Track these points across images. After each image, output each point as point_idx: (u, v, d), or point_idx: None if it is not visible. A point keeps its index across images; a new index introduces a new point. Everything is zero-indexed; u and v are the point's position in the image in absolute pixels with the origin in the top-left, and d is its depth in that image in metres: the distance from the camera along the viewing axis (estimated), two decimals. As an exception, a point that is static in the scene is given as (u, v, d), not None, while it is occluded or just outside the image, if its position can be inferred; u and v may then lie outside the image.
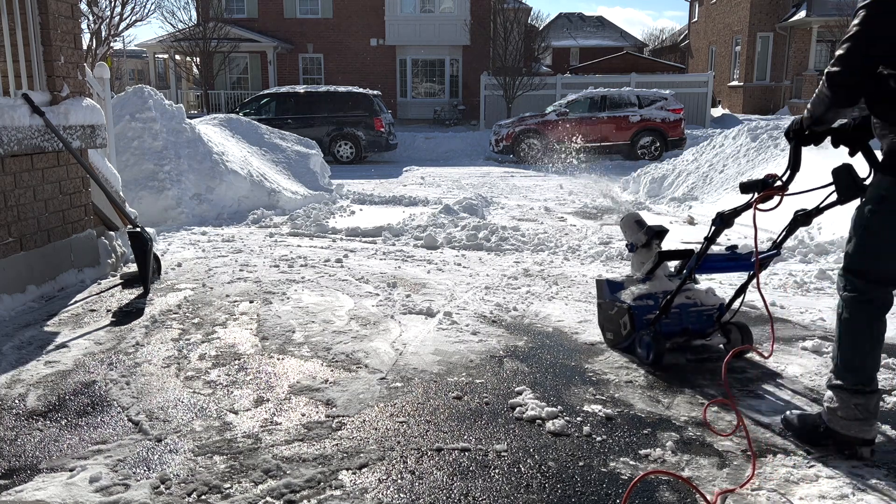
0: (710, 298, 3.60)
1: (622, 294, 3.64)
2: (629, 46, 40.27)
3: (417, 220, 7.72)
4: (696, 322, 3.54)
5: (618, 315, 3.62)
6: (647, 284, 3.61)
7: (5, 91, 4.56)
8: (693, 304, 3.55)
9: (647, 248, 3.73)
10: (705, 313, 3.57)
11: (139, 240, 4.88)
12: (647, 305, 3.52)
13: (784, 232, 3.21)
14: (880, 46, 2.32)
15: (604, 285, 3.76)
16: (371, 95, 17.44)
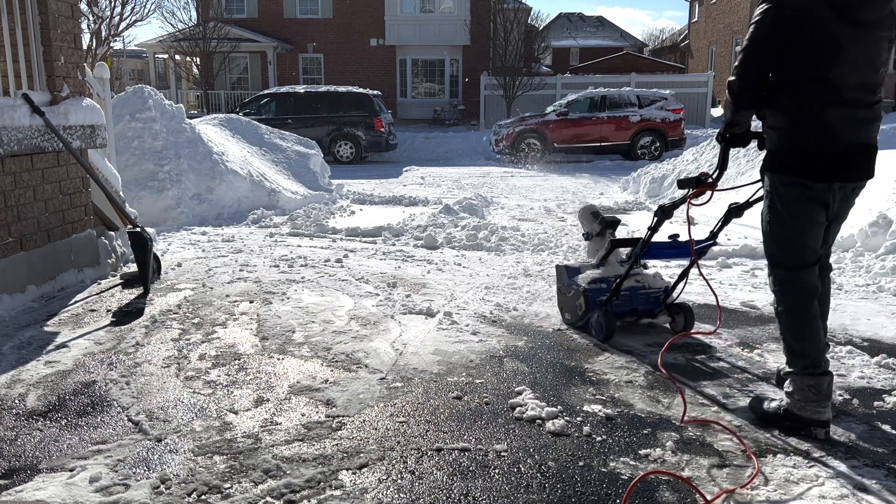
0: (657, 282, 3.99)
1: (578, 278, 3.99)
2: (629, 46, 40.27)
3: (417, 220, 7.73)
4: (645, 303, 3.94)
5: (574, 297, 3.99)
6: (601, 269, 3.99)
7: (5, 91, 4.56)
8: (642, 287, 3.94)
9: (601, 236, 4.13)
10: (653, 295, 3.96)
11: (139, 240, 4.88)
12: (601, 288, 3.88)
13: (719, 223, 3.53)
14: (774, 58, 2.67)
15: (562, 270, 4.13)
16: (371, 95, 17.44)
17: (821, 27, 2.57)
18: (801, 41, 2.60)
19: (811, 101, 2.64)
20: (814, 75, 2.62)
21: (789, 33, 2.60)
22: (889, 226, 5.78)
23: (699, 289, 5.02)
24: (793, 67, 2.64)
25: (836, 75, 2.60)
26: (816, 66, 2.61)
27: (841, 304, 4.60)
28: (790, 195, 2.74)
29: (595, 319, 3.85)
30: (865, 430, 2.80)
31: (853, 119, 2.66)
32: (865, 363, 3.52)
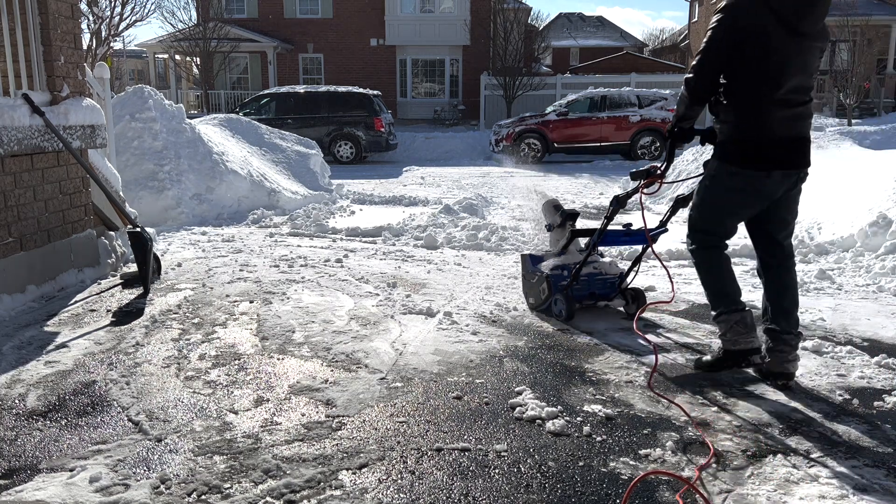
0: (613, 269, 4.36)
1: (541, 265, 4.34)
2: (629, 46, 40.27)
3: (417, 220, 7.73)
4: (602, 288, 4.32)
5: (538, 283, 4.34)
6: (562, 257, 4.32)
7: (5, 91, 4.56)
8: (599, 273, 4.31)
9: (562, 227, 4.42)
10: (609, 281, 4.32)
11: (139, 240, 4.88)
12: (562, 274, 4.24)
13: (668, 212, 3.95)
14: (723, 63, 3.08)
15: (527, 259, 4.50)
16: (371, 95, 17.45)
17: (767, 36, 2.95)
18: (750, 48, 2.98)
19: (756, 99, 3.04)
20: (759, 78, 3.01)
21: (740, 41, 2.98)
22: (889, 226, 5.78)
23: (699, 288, 5.00)
24: (742, 70, 3.03)
25: (778, 78, 3.00)
26: (762, 69, 3.00)
27: (841, 304, 4.60)
28: (732, 183, 3.14)
29: (557, 302, 4.22)
30: (865, 430, 2.80)
31: (789, 116, 3.05)
32: (865, 363, 3.51)
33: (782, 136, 3.05)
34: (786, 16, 2.94)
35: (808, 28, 2.99)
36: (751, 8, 2.97)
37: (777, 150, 3.05)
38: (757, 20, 2.96)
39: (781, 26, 2.95)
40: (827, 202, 7.00)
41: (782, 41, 2.96)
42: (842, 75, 21.30)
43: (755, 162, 3.06)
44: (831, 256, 5.87)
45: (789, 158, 3.08)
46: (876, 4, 25.22)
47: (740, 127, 3.09)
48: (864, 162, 7.79)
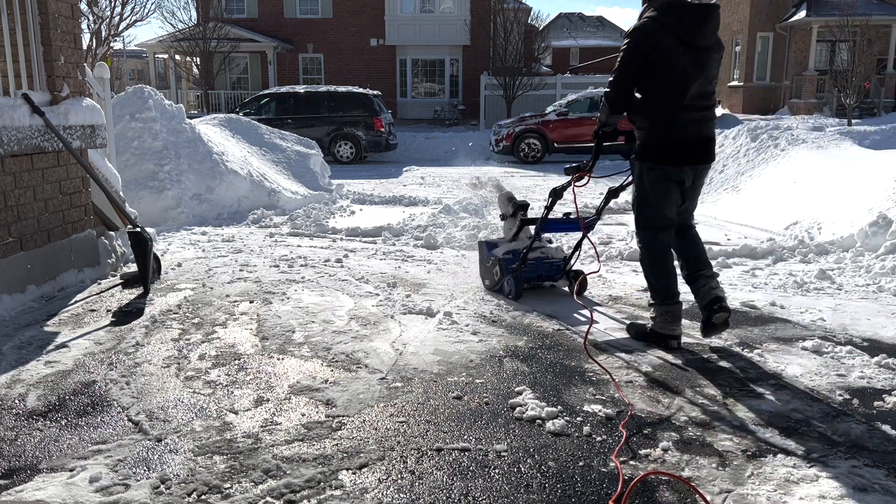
0: (558, 253, 4.89)
1: (495, 251, 4.83)
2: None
3: (417, 220, 7.73)
4: (548, 270, 4.80)
5: (492, 266, 4.82)
6: (513, 243, 4.82)
7: (5, 91, 4.56)
8: (546, 257, 4.81)
9: (513, 217, 4.96)
10: (555, 264, 4.81)
11: (139, 240, 4.88)
12: (512, 258, 4.70)
13: (602, 203, 4.46)
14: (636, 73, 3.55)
15: (483, 245, 5.00)
16: (371, 95, 17.44)
17: (669, 53, 3.43)
18: (656, 63, 3.46)
19: (665, 107, 3.53)
20: (666, 88, 3.49)
21: (648, 59, 3.47)
22: (889, 226, 5.78)
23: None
24: (651, 83, 3.52)
25: (682, 87, 3.47)
26: (668, 81, 3.47)
27: (841, 304, 4.60)
28: (653, 177, 3.63)
29: (507, 282, 4.67)
30: (865, 430, 2.80)
31: (695, 119, 3.55)
32: (865, 363, 3.51)
33: (690, 136, 3.55)
34: (683, 34, 3.44)
35: (703, 43, 3.49)
36: (654, 30, 3.46)
37: (686, 149, 3.57)
38: (660, 40, 3.45)
39: (681, 43, 3.44)
40: (827, 202, 7.00)
41: (683, 55, 3.44)
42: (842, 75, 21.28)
43: (669, 160, 3.58)
44: (831, 256, 5.87)
45: (697, 155, 3.61)
46: (876, 4, 25.20)
47: (654, 132, 3.60)
48: (864, 162, 7.78)
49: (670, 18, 3.45)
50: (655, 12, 3.50)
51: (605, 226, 7.98)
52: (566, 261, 4.82)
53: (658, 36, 3.45)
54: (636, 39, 3.51)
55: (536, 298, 4.73)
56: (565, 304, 4.62)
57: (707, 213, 8.57)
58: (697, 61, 3.47)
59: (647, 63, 3.48)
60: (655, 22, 3.47)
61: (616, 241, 6.83)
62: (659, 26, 3.46)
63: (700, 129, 3.57)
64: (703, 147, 3.60)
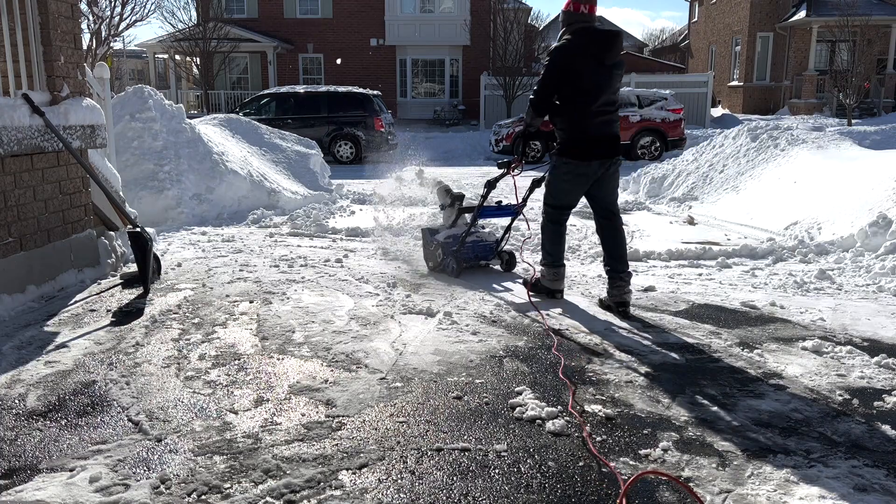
0: (491, 237, 5.56)
1: (437, 236, 5.45)
2: (629, 46, 40.27)
3: (417, 220, 7.71)
4: (483, 252, 5.47)
5: (434, 249, 5.44)
6: (452, 230, 5.47)
7: (5, 91, 4.56)
8: (481, 240, 5.48)
9: (451, 206, 5.63)
10: (489, 246, 5.48)
11: (139, 240, 4.87)
12: (452, 242, 5.31)
13: (527, 192, 5.21)
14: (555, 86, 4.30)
15: (426, 232, 5.61)
16: (371, 95, 17.43)
17: (583, 69, 4.20)
18: (573, 77, 4.21)
19: (579, 112, 4.27)
20: (580, 97, 4.24)
21: (566, 73, 4.22)
22: (889, 226, 5.78)
23: (699, 288, 5.02)
24: (568, 93, 4.27)
25: (592, 97, 4.24)
26: (581, 91, 4.23)
27: (841, 304, 4.60)
28: (566, 169, 4.41)
29: (448, 263, 5.30)
30: (865, 430, 2.80)
31: (602, 122, 4.30)
32: (865, 363, 3.51)
33: (598, 135, 4.29)
34: (594, 54, 4.22)
35: (608, 61, 4.27)
36: (571, 50, 4.23)
37: (595, 146, 4.30)
38: (575, 58, 4.22)
39: (592, 61, 4.22)
40: (827, 202, 7.00)
41: (593, 71, 4.22)
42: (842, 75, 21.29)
43: (581, 156, 4.32)
44: (831, 256, 5.87)
45: (604, 151, 4.32)
46: (876, 4, 25.21)
47: (570, 132, 4.33)
48: (864, 162, 7.78)
49: (583, 41, 4.24)
50: (571, 36, 4.28)
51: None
52: (498, 243, 5.51)
53: (574, 55, 4.23)
54: (556, 57, 4.26)
55: (535, 299, 4.73)
56: (565, 304, 4.62)
57: (707, 213, 8.57)
58: (604, 76, 4.26)
59: (564, 76, 4.24)
60: (572, 44, 4.25)
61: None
62: (574, 47, 4.24)
63: (606, 129, 4.33)
64: (609, 144, 4.35)
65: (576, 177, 4.39)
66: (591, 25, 4.31)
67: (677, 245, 6.58)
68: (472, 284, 5.08)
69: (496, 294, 4.84)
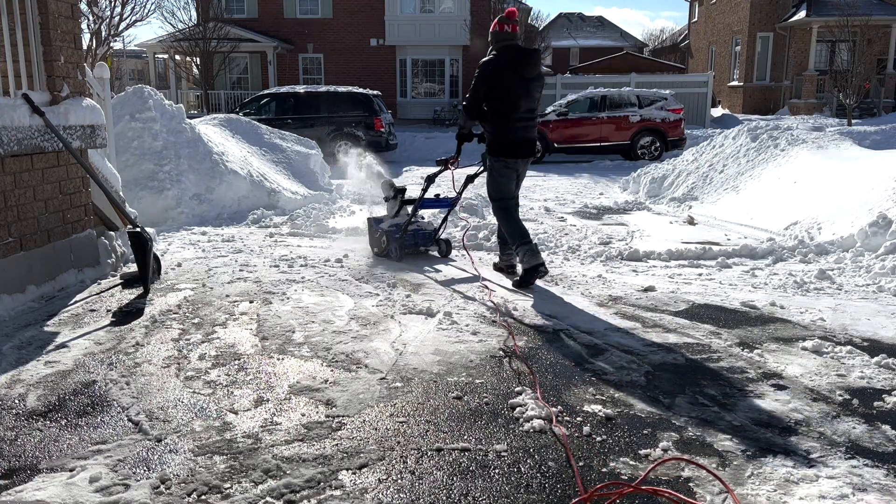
0: (430, 226, 6.16)
1: (381, 225, 6.02)
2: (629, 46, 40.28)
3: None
4: (423, 239, 6.04)
5: (379, 237, 6.01)
6: (396, 219, 6.04)
7: (5, 91, 4.56)
8: (421, 229, 6.05)
9: (395, 199, 6.18)
10: (428, 234, 6.05)
11: (139, 240, 4.87)
12: (395, 230, 5.88)
13: (462, 186, 5.81)
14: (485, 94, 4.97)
15: (372, 221, 6.21)
16: (371, 95, 17.43)
17: (507, 81, 4.89)
18: (498, 89, 4.91)
19: (504, 118, 4.97)
20: (505, 106, 4.94)
21: (493, 85, 4.91)
22: (889, 226, 5.78)
23: (699, 288, 5.02)
24: (494, 101, 4.96)
25: (515, 105, 4.93)
26: (506, 101, 4.92)
27: (841, 304, 4.60)
28: (498, 166, 5.11)
29: (392, 248, 5.86)
30: (865, 430, 2.80)
31: (523, 127, 5.03)
32: (865, 363, 3.51)
33: (521, 138, 5.04)
34: (517, 69, 4.90)
35: (529, 75, 4.95)
36: (497, 65, 4.89)
37: (518, 147, 5.04)
38: (501, 72, 4.89)
39: (515, 75, 4.89)
40: (827, 202, 7.00)
41: (516, 83, 4.90)
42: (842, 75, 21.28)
43: (508, 154, 5.05)
44: (831, 256, 5.87)
45: (525, 151, 5.09)
46: (876, 4, 25.21)
47: (497, 134, 5.05)
48: (864, 162, 7.78)
49: (508, 57, 4.91)
50: (498, 52, 4.94)
51: (605, 226, 7.99)
52: (436, 231, 6.08)
53: (499, 69, 4.89)
54: (485, 70, 4.92)
55: (537, 299, 4.73)
56: (565, 304, 4.62)
57: (707, 213, 8.57)
58: (525, 87, 4.94)
59: (491, 87, 4.91)
60: (498, 59, 4.91)
61: (616, 241, 6.83)
62: (500, 62, 4.90)
63: (527, 133, 5.07)
64: (528, 146, 5.11)
65: (508, 171, 5.14)
66: (514, 43, 5.00)
67: (677, 245, 6.58)
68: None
69: (497, 295, 4.84)
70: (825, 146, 9.09)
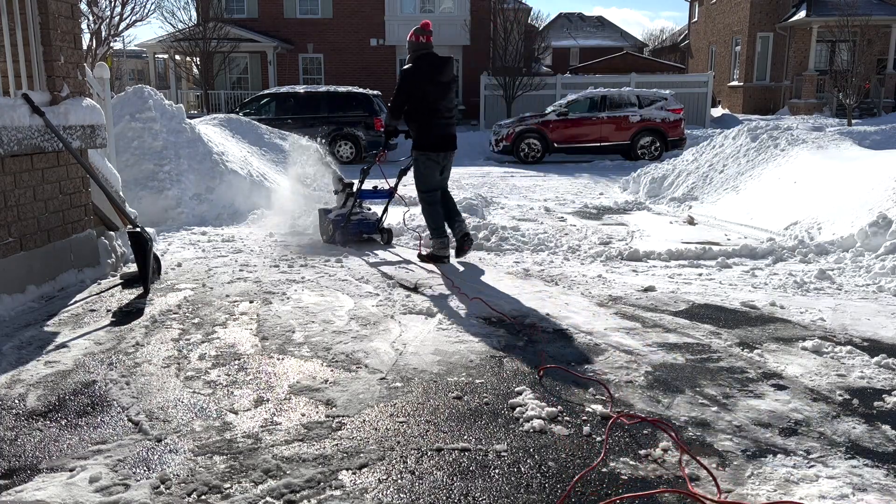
0: (373, 216, 6.78)
1: (329, 215, 6.70)
2: (629, 46, 40.27)
3: (417, 220, 7.71)
4: (366, 228, 6.71)
5: (327, 225, 6.66)
6: (342, 209, 6.70)
7: (5, 91, 4.56)
8: (364, 219, 6.73)
9: (342, 192, 6.83)
10: (371, 223, 6.71)
11: (139, 240, 4.87)
12: (340, 219, 6.59)
13: (397, 179, 6.58)
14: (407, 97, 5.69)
15: (321, 211, 6.92)
16: (371, 95, 17.43)
17: (425, 86, 5.66)
18: (418, 91, 5.65)
19: (425, 116, 5.70)
20: (424, 105, 5.68)
21: (414, 88, 5.66)
22: (889, 226, 5.78)
23: (699, 288, 5.02)
24: (415, 103, 5.69)
25: (434, 107, 5.69)
26: (425, 101, 5.67)
27: (841, 304, 4.60)
28: (423, 159, 5.77)
29: (338, 235, 6.52)
30: (865, 430, 2.80)
31: (443, 124, 5.75)
32: (865, 363, 3.51)
33: (441, 134, 5.75)
34: (432, 76, 5.68)
35: (443, 80, 5.73)
36: (416, 72, 5.66)
37: (440, 141, 5.75)
38: (419, 77, 5.66)
39: (431, 80, 5.67)
40: (827, 202, 7.00)
41: (432, 87, 5.68)
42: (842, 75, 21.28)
43: (432, 149, 5.74)
44: (831, 256, 5.87)
45: (446, 145, 5.81)
46: (876, 4, 25.21)
47: (420, 131, 5.75)
48: (864, 162, 7.78)
49: (424, 64, 5.69)
50: (416, 61, 5.70)
51: (605, 226, 7.99)
52: (378, 221, 6.74)
53: (418, 75, 5.66)
54: (406, 77, 5.69)
55: (537, 299, 4.73)
56: (564, 304, 4.62)
57: (707, 212, 8.57)
58: (441, 90, 5.72)
59: (412, 90, 5.66)
60: (415, 66, 5.68)
61: (616, 241, 6.83)
62: (417, 70, 5.68)
63: (447, 129, 5.79)
64: (449, 140, 5.82)
65: (433, 164, 5.77)
66: (429, 52, 5.72)
67: (677, 245, 6.58)
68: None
69: (497, 295, 4.84)
70: (825, 146, 9.09)
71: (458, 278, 5.26)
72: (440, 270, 5.52)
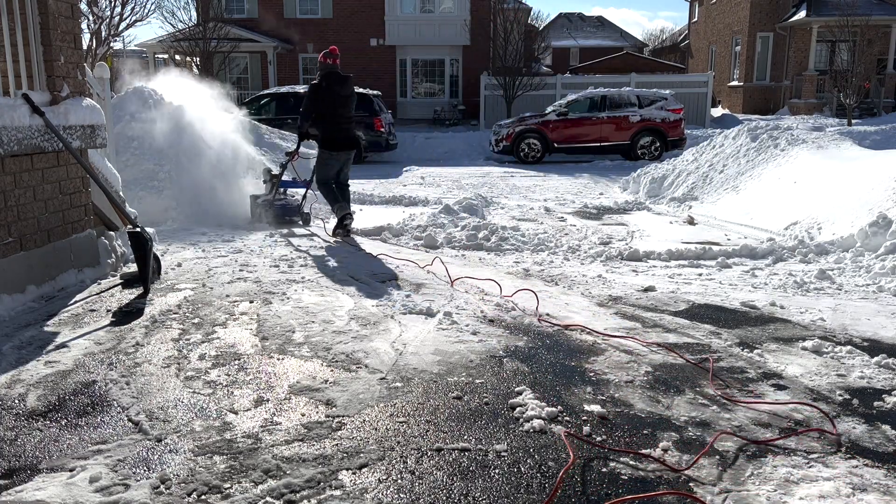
0: (294, 202, 7.82)
1: (258, 200, 7.68)
2: (629, 46, 40.28)
3: (417, 220, 7.72)
4: (289, 212, 7.72)
5: (257, 208, 7.66)
6: (269, 196, 7.71)
7: (5, 91, 4.56)
8: (287, 204, 7.75)
9: (270, 182, 7.79)
10: (293, 208, 7.76)
11: (139, 240, 4.87)
12: (267, 204, 7.62)
13: (312, 173, 7.55)
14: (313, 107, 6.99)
15: (252, 197, 7.80)
16: (371, 95, 17.43)
17: (329, 97, 6.86)
18: (322, 101, 6.88)
19: (328, 121, 6.93)
20: (328, 113, 6.91)
21: (320, 98, 6.87)
22: (889, 226, 5.78)
23: (699, 288, 5.03)
24: (320, 111, 6.90)
25: (335, 114, 6.94)
26: (328, 109, 6.90)
27: (841, 304, 4.60)
28: (325, 156, 7.05)
29: (262, 216, 7.56)
30: (865, 430, 2.81)
31: (343, 128, 7.02)
32: (865, 363, 3.52)
33: (340, 136, 7.02)
34: (335, 89, 6.88)
35: (344, 93, 6.98)
36: (321, 88, 6.85)
37: (339, 142, 7.01)
38: (324, 91, 6.86)
39: (333, 93, 6.87)
40: (827, 202, 7.00)
41: (334, 98, 6.91)
42: (842, 75, 21.28)
43: (332, 147, 7.00)
44: (831, 256, 5.87)
45: (345, 145, 7.08)
46: (876, 4, 25.21)
47: (324, 133, 6.98)
48: (864, 162, 7.79)
49: (329, 82, 6.88)
50: (322, 77, 6.89)
51: (605, 226, 7.99)
52: (299, 206, 7.76)
53: (323, 89, 6.88)
54: (314, 90, 6.92)
55: (532, 299, 4.73)
56: (565, 304, 4.62)
57: (707, 212, 8.57)
58: (341, 101, 6.98)
59: (318, 101, 6.89)
60: (322, 83, 6.88)
61: (616, 241, 6.83)
62: (324, 84, 6.89)
63: (345, 133, 7.05)
64: (347, 141, 7.08)
65: (332, 161, 7.05)
66: (334, 71, 6.92)
67: (677, 245, 6.58)
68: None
69: (497, 295, 4.83)
70: (825, 146, 9.09)
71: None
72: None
